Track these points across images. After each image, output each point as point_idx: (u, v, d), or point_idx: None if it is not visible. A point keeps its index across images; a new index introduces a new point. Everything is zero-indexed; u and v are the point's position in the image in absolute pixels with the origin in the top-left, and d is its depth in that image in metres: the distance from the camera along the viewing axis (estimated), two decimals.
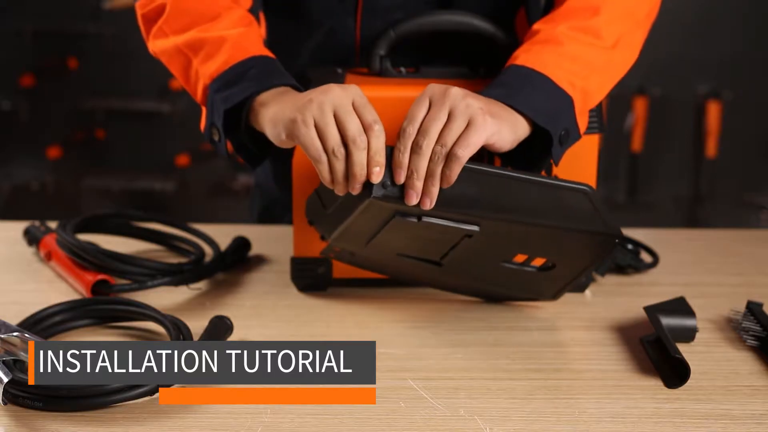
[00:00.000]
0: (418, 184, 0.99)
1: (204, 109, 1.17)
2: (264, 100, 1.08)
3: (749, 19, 2.92)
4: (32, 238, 1.40)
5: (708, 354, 1.10)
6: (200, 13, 1.17)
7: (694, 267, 1.40)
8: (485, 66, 1.26)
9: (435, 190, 1.00)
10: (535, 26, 1.17)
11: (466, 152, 0.99)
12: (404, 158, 0.99)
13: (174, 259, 1.35)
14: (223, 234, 1.40)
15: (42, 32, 3.05)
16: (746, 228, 2.78)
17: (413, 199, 1.00)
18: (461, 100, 1.01)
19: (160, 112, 3.09)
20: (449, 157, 0.99)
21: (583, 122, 1.13)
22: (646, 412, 0.96)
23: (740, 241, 1.55)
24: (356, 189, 1.00)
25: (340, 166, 0.99)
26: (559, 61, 1.11)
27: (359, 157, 0.98)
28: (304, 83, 1.22)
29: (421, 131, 1.00)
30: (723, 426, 0.94)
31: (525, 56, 1.11)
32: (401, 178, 0.99)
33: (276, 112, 1.04)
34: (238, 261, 1.37)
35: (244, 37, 1.16)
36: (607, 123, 1.23)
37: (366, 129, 0.99)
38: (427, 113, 1.01)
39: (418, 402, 0.97)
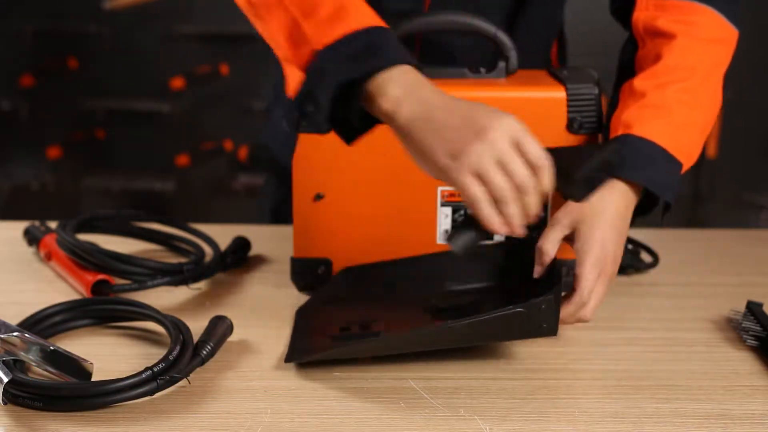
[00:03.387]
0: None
1: (296, 75, 1.07)
2: (386, 87, 0.98)
3: (749, 19, 2.92)
4: (32, 238, 1.40)
5: (708, 354, 1.10)
6: None
7: (694, 267, 1.40)
8: (485, 66, 1.26)
9: None
10: (639, 85, 1.17)
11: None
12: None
13: (174, 259, 1.35)
14: (223, 234, 1.40)
15: (42, 32, 3.05)
16: (746, 228, 2.78)
17: None
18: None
19: (160, 112, 3.08)
20: None
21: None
22: (646, 412, 0.96)
23: (740, 241, 1.55)
24: (518, 231, 0.96)
25: (512, 210, 0.94)
26: (673, 132, 1.14)
27: (531, 201, 0.94)
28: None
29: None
30: (723, 426, 0.94)
31: (640, 125, 1.14)
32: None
33: (418, 135, 0.96)
34: (238, 261, 1.37)
35: (357, 1, 1.07)
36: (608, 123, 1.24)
37: (534, 168, 0.94)
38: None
39: (418, 402, 0.97)
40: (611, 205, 1.10)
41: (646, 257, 1.38)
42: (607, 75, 1.29)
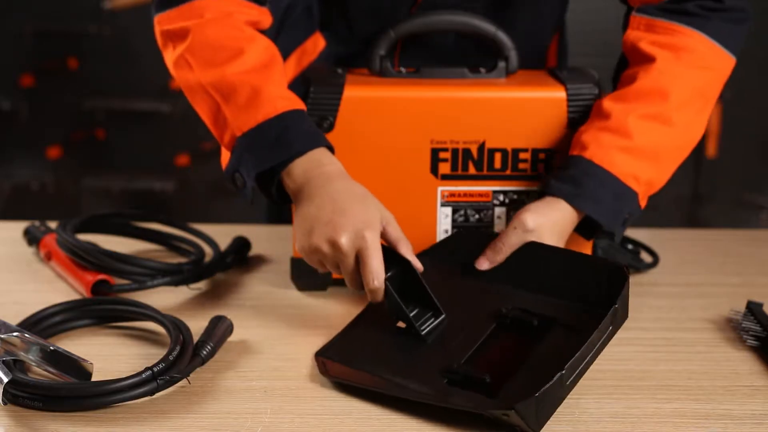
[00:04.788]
0: None
1: (225, 151, 1.17)
2: (296, 177, 1.11)
3: None
4: (32, 238, 1.40)
5: (708, 354, 1.10)
6: (225, 46, 1.16)
7: (694, 267, 1.40)
8: (485, 66, 1.26)
9: None
10: (606, 104, 1.18)
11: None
12: None
13: (174, 259, 1.35)
14: (223, 234, 1.40)
15: (42, 32, 3.05)
16: (746, 228, 2.78)
17: None
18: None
19: (160, 112, 3.08)
20: None
21: (644, 202, 1.19)
22: (646, 412, 0.96)
23: (740, 241, 1.55)
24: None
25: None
26: (627, 159, 1.15)
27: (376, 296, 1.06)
28: (304, 84, 1.22)
29: None
30: (723, 426, 0.94)
31: (595, 148, 1.15)
32: None
33: (300, 221, 1.09)
34: (238, 261, 1.37)
35: (272, 83, 1.15)
36: None
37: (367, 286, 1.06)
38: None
39: (418, 402, 0.97)
40: (560, 222, 1.13)
41: (646, 257, 1.38)
42: (607, 75, 1.29)
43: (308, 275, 1.26)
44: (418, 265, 1.08)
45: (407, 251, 1.08)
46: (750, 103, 3.02)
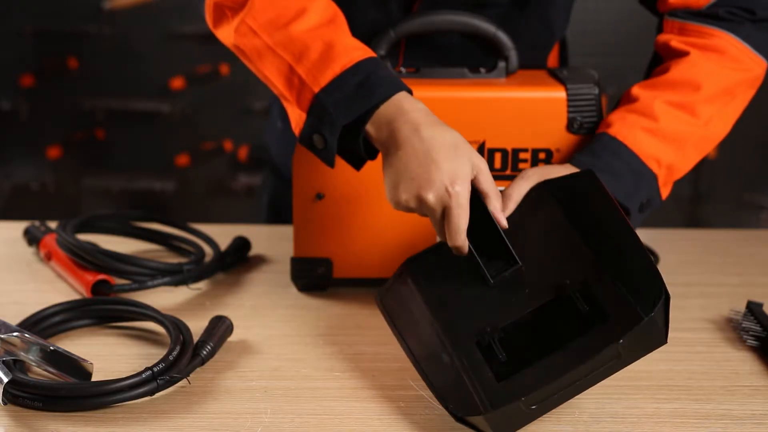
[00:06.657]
0: None
1: (295, 112, 1.12)
2: (381, 126, 1.06)
3: None
4: (32, 238, 1.40)
5: (708, 354, 1.10)
6: (287, 6, 1.13)
7: (694, 267, 1.40)
8: (485, 66, 1.26)
9: None
10: (635, 90, 1.20)
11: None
12: None
13: (174, 259, 1.35)
14: (223, 234, 1.40)
15: (42, 32, 3.04)
16: (746, 228, 2.78)
17: None
18: None
19: (160, 112, 3.08)
20: None
21: (666, 191, 1.20)
22: (646, 412, 0.96)
23: (740, 241, 1.55)
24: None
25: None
26: (650, 140, 1.16)
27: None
28: None
29: None
30: (723, 426, 0.94)
31: (619, 126, 1.16)
32: None
33: (387, 173, 1.05)
34: (238, 261, 1.37)
35: (343, 34, 1.13)
36: None
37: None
38: None
39: (418, 402, 0.97)
40: None
41: None
42: (607, 75, 1.29)
43: (308, 275, 1.26)
44: (503, 223, 1.04)
45: (495, 204, 1.04)
46: (750, 103, 3.01)
